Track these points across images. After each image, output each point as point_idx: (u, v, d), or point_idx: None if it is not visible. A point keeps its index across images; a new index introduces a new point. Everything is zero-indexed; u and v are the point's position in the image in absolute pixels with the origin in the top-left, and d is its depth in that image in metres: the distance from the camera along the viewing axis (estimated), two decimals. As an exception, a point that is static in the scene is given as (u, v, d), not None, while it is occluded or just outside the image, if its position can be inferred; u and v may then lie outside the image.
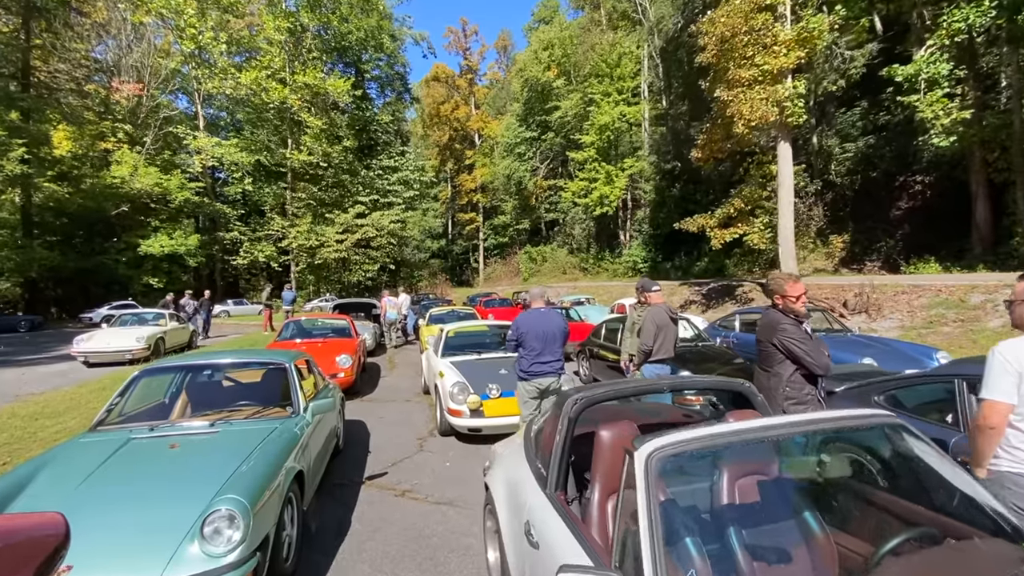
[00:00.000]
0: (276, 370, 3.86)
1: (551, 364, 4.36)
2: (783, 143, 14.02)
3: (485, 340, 6.98)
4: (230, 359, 3.93)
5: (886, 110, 24.03)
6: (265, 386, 4.04)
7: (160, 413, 3.66)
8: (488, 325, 7.33)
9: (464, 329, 6.95)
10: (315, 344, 8.18)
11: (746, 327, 8.15)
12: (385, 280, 32.90)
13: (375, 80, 39.03)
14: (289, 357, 4.03)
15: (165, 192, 27.37)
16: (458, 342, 6.69)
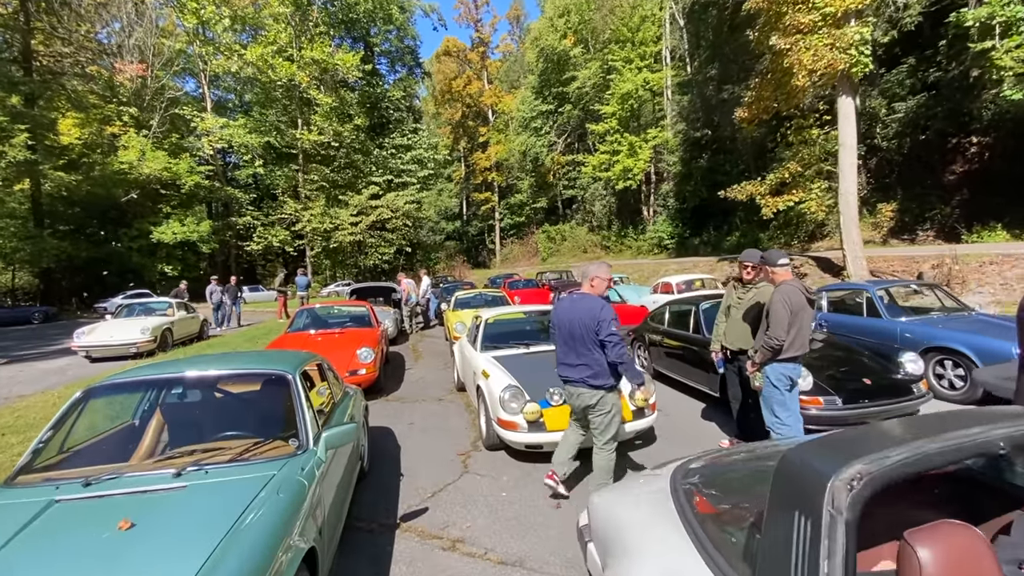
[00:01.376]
0: (275, 383, 2.80)
1: (576, 370, 3.34)
2: (845, 98, 12.46)
3: (530, 329, 5.88)
4: (214, 369, 2.86)
5: (937, 66, 22.02)
6: (262, 406, 2.98)
7: (118, 449, 2.63)
8: (528, 311, 6.19)
9: (504, 316, 5.85)
10: (331, 335, 7.16)
11: (837, 306, 6.88)
12: (402, 263, 31.94)
13: (385, 55, 37.53)
14: (294, 364, 2.95)
15: (174, 177, 26.57)
16: (499, 332, 5.59)
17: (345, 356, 6.26)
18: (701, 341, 5.52)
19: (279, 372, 2.81)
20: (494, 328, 5.61)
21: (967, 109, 20.49)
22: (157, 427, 2.79)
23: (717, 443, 4.48)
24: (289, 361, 3.05)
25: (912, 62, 22.62)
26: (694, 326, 5.79)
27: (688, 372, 5.80)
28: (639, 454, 4.32)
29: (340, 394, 3.76)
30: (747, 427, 4.28)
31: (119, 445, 2.69)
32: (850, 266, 12.33)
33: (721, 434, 4.72)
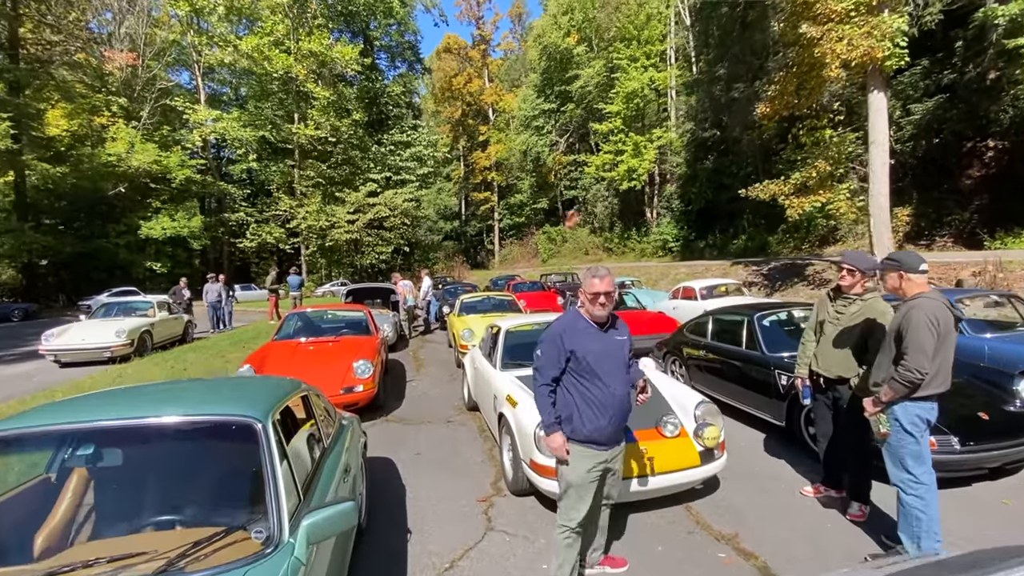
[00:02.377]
0: (236, 436, 1.94)
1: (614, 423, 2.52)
2: (877, 92, 11.71)
3: None
4: (146, 413, 1.99)
5: (952, 68, 21.43)
6: (213, 472, 2.11)
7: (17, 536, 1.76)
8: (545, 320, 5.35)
9: (526, 327, 4.99)
10: (324, 344, 6.29)
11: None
12: (399, 263, 31.04)
13: (385, 50, 36.64)
14: (266, 403, 2.08)
15: (165, 170, 25.58)
16: (521, 346, 4.73)
17: (339, 370, 5.41)
18: (759, 360, 4.69)
19: (241, 419, 1.94)
20: (515, 341, 4.75)
21: (984, 112, 19.92)
22: (55, 506, 1.91)
23: (797, 490, 3.65)
24: (260, 397, 2.19)
25: (926, 64, 22.03)
26: (748, 341, 4.95)
27: (741, 396, 4.97)
28: (704, 504, 3.49)
29: (333, 432, 2.90)
30: (837, 471, 3.46)
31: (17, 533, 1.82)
32: (881, 272, 11.56)
33: (797, 476, 3.89)
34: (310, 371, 5.44)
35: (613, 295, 2.45)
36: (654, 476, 3.14)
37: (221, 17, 25.59)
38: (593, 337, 2.46)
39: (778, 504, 3.46)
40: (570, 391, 2.48)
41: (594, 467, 2.45)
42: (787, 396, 4.31)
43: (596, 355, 2.42)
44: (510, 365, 4.40)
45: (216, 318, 13.98)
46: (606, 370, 2.43)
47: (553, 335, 2.52)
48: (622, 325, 2.62)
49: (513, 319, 5.20)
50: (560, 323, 2.58)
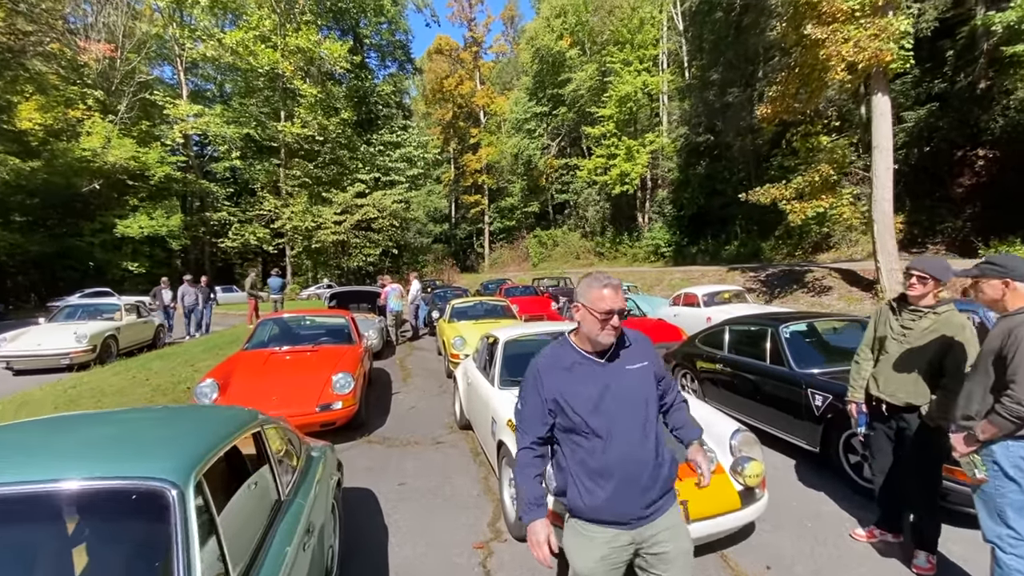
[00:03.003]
0: (142, 505, 1.36)
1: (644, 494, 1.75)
2: (880, 96, 11.41)
3: None
4: (26, 477, 1.40)
5: (943, 77, 21.52)
6: (117, 553, 1.51)
7: None
8: (557, 332, 4.77)
9: (527, 337, 4.43)
10: (300, 354, 5.66)
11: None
12: (388, 265, 30.34)
13: (375, 48, 35.98)
14: (185, 463, 1.49)
15: (143, 167, 24.61)
16: (523, 359, 4.18)
17: (315, 384, 4.80)
18: (787, 377, 4.19)
19: (148, 485, 1.35)
20: (516, 355, 4.19)
21: (975, 121, 20.00)
22: None
23: (845, 531, 3.14)
24: (189, 443, 1.60)
25: (917, 73, 22.11)
26: (773, 354, 4.45)
27: (765, 416, 4.46)
28: (740, 551, 2.95)
29: (296, 475, 2.31)
30: (895, 512, 2.95)
31: None
32: (884, 279, 11.24)
33: (841, 514, 3.37)
34: (282, 385, 4.83)
35: (624, 312, 1.76)
36: (687, 524, 2.60)
37: (205, 9, 24.79)
38: (587, 375, 1.75)
39: (827, 550, 2.95)
40: (562, 450, 1.81)
41: (610, 554, 1.71)
42: (822, 419, 3.81)
43: (591, 401, 1.72)
44: (510, 383, 3.84)
45: (195, 322, 13.20)
46: (610, 419, 1.71)
47: (531, 377, 1.84)
48: (638, 343, 1.87)
49: (513, 328, 4.64)
50: (541, 359, 1.87)
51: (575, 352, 1.81)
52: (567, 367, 1.78)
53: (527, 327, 4.79)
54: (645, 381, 1.80)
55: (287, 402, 4.57)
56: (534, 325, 4.99)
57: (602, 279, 1.75)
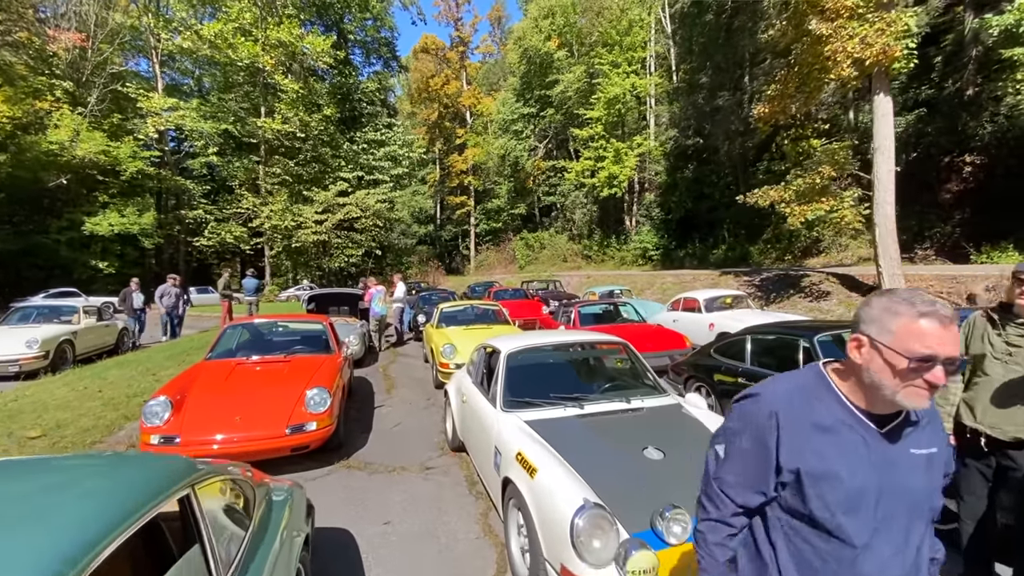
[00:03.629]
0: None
1: None
2: (882, 96, 11.16)
3: (576, 371, 3.97)
4: None
5: (930, 83, 21.68)
6: None
7: None
8: (563, 342, 4.16)
9: (534, 349, 3.87)
10: (272, 365, 5.01)
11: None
12: (371, 266, 29.52)
13: (359, 45, 35.16)
14: (60, 558, 0.90)
15: (114, 162, 23.46)
16: (529, 375, 3.63)
17: (286, 401, 4.17)
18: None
19: None
20: (522, 370, 3.63)
21: (963, 127, 20.13)
22: None
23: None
24: (75, 524, 1.01)
25: (903, 79, 22.25)
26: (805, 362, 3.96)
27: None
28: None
29: (246, 541, 1.70)
30: (986, 564, 2.46)
31: None
32: (886, 285, 10.95)
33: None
34: (248, 402, 4.19)
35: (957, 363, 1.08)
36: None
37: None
38: (855, 450, 1.14)
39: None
40: (772, 539, 1.21)
41: None
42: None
43: (856, 494, 1.12)
44: (517, 404, 3.28)
45: (170, 326, 12.23)
46: (874, 524, 1.13)
47: (755, 421, 1.21)
48: (928, 416, 1.22)
49: (514, 338, 4.06)
50: (779, 398, 1.21)
51: (841, 405, 1.18)
52: (825, 426, 1.16)
53: (530, 337, 4.22)
54: (933, 476, 1.19)
55: (252, 423, 3.94)
56: (538, 335, 4.42)
57: (919, 302, 1.09)
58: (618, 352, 3.92)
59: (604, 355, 3.97)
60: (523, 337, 4.11)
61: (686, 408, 3.30)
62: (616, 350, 3.94)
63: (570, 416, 3.10)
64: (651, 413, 3.20)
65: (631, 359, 3.84)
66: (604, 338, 3.92)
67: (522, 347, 3.73)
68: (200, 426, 3.84)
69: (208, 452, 3.69)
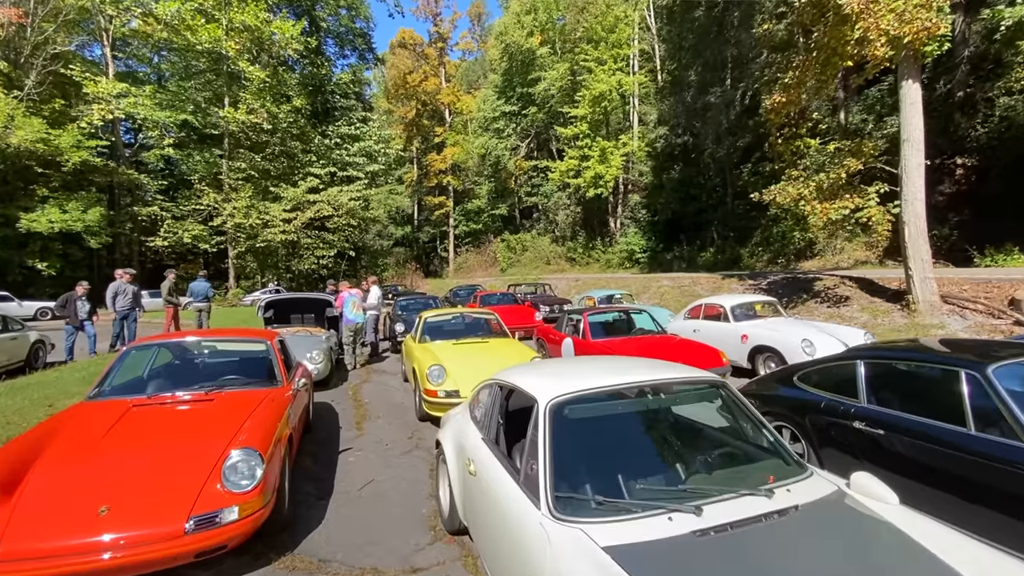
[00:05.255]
0: None
1: None
2: (910, 82, 10.18)
3: (658, 428, 2.53)
4: None
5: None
6: None
7: None
8: (626, 383, 2.56)
9: (590, 395, 2.37)
10: (187, 407, 3.46)
11: None
12: (344, 268, 27.65)
13: (332, 35, 33.26)
14: None
15: (55, 152, 21.12)
16: (592, 445, 2.19)
17: (190, 475, 2.64)
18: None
19: None
20: (575, 430, 2.18)
21: (954, 128, 19.75)
22: None
23: None
24: None
25: (891, 81, 21.85)
26: (981, 416, 2.65)
27: (985, 522, 2.64)
28: None
29: None
30: None
31: None
32: (917, 289, 9.92)
33: None
34: (126, 480, 2.64)
35: None
36: None
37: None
38: None
39: None
40: None
41: None
42: None
43: None
44: (579, 506, 1.85)
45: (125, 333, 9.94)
46: None
47: None
48: None
49: (546, 373, 2.57)
50: None
51: None
52: None
53: (571, 372, 2.75)
54: None
55: (128, 517, 2.41)
56: (579, 367, 2.92)
57: None
58: (712, 394, 2.54)
59: (693, 401, 2.58)
60: (559, 372, 2.66)
61: (857, 499, 1.96)
62: (709, 392, 2.56)
63: (684, 535, 1.68)
64: (811, 516, 1.84)
65: (732, 406, 2.47)
66: (693, 375, 2.53)
67: (572, 395, 2.27)
68: (35, 529, 2.30)
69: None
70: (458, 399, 5.13)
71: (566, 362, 3.13)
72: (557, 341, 7.90)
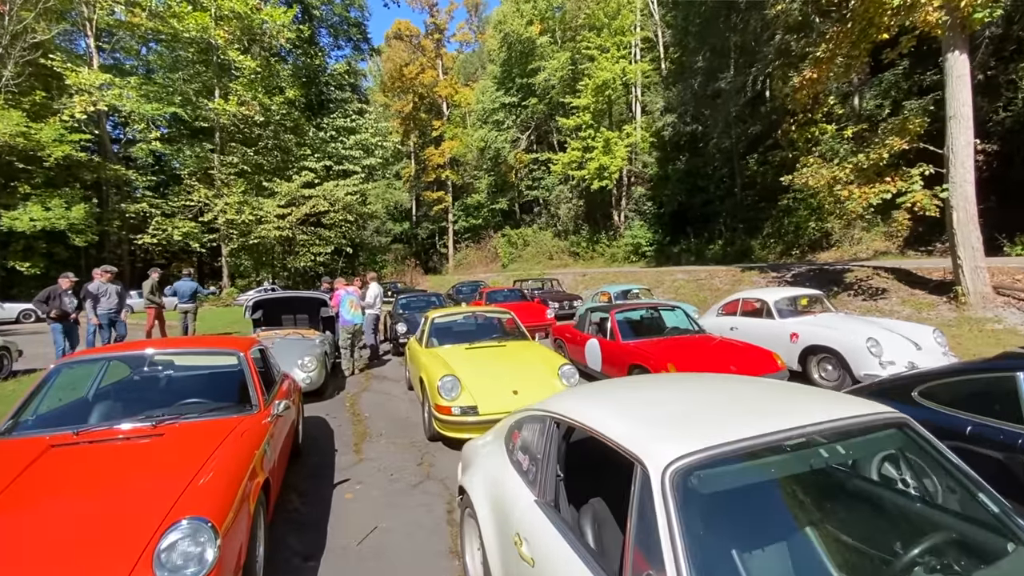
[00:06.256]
0: None
1: None
2: (957, 54, 9.30)
3: (825, 499, 1.64)
4: None
5: (936, 68, 20.55)
6: None
7: None
8: (782, 433, 1.44)
9: (721, 450, 1.40)
10: (126, 447, 2.58)
11: None
12: (342, 266, 26.74)
13: (326, 26, 32.20)
14: None
15: (36, 146, 20.14)
16: (735, 531, 1.34)
17: (108, 564, 1.77)
18: None
19: None
20: (715, 511, 1.32)
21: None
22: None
23: None
24: None
25: (906, 65, 21.03)
26: None
27: None
28: None
29: None
30: None
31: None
32: (968, 280, 9.05)
33: None
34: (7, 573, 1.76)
35: None
36: None
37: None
38: None
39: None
40: None
41: None
42: None
43: None
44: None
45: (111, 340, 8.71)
46: None
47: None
48: None
49: (655, 411, 1.72)
50: None
51: None
52: None
53: (658, 395, 1.88)
54: None
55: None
56: (673, 390, 2.02)
57: None
58: (890, 439, 1.67)
59: (868, 452, 1.71)
60: (653, 404, 1.78)
61: None
62: (887, 435, 1.69)
63: None
64: None
65: (923, 454, 1.61)
66: (868, 411, 1.64)
67: (702, 454, 1.35)
68: None
69: None
70: (476, 417, 4.26)
71: (645, 385, 2.25)
72: (579, 343, 7.03)
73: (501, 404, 4.33)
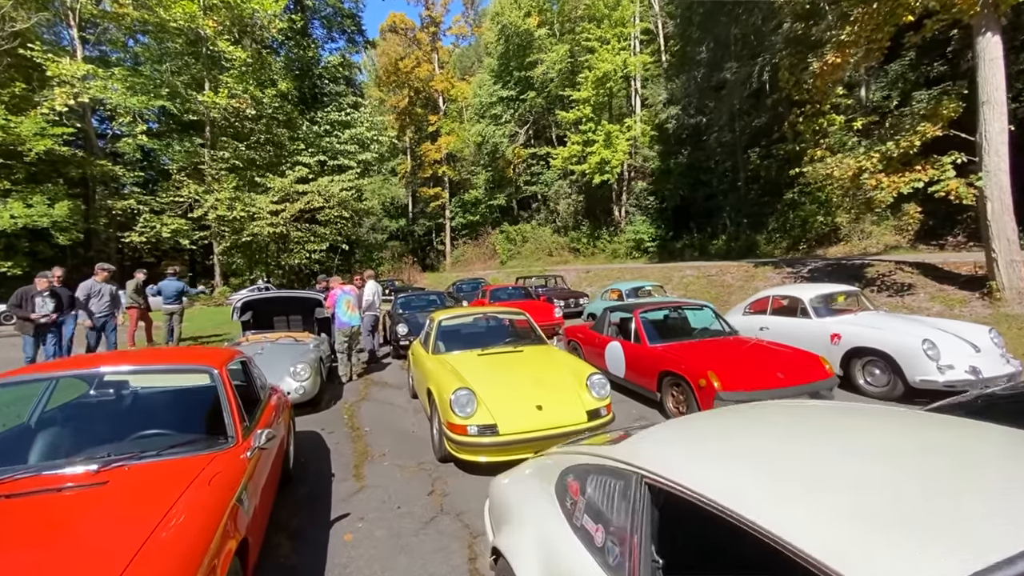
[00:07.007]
0: None
1: None
2: (989, 36, 8.74)
3: None
4: None
5: (943, 59, 20.16)
6: None
7: None
8: None
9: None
10: (56, 502, 1.96)
11: None
12: (337, 264, 26.03)
13: (319, 17, 31.35)
14: None
15: (16, 140, 19.32)
16: None
17: None
18: None
19: None
20: None
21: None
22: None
23: None
24: None
25: (912, 56, 20.58)
26: None
27: None
28: None
29: None
30: None
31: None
32: (1003, 275, 8.52)
33: None
34: None
35: None
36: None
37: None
38: None
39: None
40: None
41: None
42: None
43: None
44: None
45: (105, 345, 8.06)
46: None
47: None
48: None
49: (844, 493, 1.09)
50: None
51: None
52: None
53: (803, 448, 1.31)
54: None
55: None
56: (829, 445, 1.44)
57: None
58: None
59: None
60: (816, 468, 1.20)
61: None
62: None
63: None
64: None
65: None
66: None
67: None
68: None
69: None
70: (495, 438, 3.66)
71: (776, 428, 1.57)
72: (598, 345, 6.44)
73: (524, 423, 3.73)
